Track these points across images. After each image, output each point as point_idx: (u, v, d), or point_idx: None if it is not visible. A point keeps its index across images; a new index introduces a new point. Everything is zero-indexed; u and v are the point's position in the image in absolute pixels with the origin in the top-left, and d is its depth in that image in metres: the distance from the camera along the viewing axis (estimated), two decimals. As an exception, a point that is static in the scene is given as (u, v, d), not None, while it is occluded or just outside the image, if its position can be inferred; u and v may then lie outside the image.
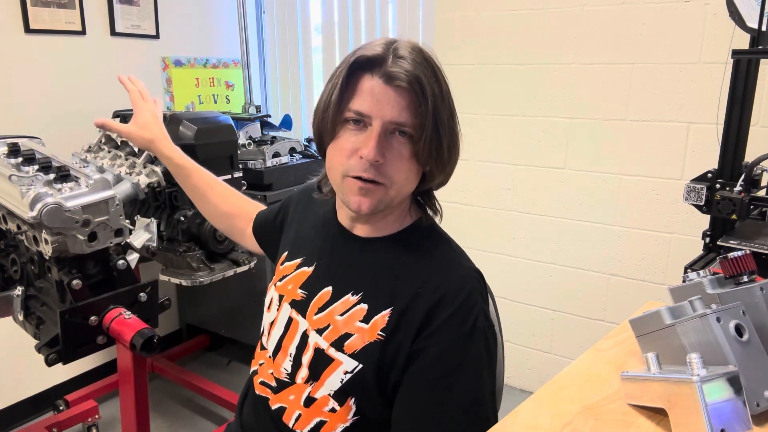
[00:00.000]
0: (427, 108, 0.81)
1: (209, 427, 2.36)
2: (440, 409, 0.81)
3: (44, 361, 1.47)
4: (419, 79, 0.81)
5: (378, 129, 0.81)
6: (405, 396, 0.83)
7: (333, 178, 0.89)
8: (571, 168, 2.32)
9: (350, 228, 0.96)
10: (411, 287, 0.86)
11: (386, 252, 0.92)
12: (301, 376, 0.91)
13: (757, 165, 1.25)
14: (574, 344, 2.45)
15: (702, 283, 0.80)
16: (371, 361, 0.84)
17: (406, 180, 0.86)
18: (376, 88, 0.81)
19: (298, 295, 0.96)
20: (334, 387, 0.87)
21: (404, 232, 0.93)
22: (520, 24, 2.31)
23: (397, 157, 0.83)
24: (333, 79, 0.85)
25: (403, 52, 0.82)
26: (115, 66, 2.52)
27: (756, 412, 0.65)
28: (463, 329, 0.81)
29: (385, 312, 0.86)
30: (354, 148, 0.83)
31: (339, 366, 0.87)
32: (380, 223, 0.93)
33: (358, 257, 0.93)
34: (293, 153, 2.63)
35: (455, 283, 0.85)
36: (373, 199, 0.84)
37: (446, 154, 0.86)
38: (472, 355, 0.82)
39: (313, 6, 2.99)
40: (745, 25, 1.25)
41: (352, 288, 0.90)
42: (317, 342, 0.90)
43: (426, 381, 0.82)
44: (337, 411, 0.88)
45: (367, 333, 0.86)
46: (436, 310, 0.82)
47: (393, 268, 0.89)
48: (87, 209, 1.42)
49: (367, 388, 0.85)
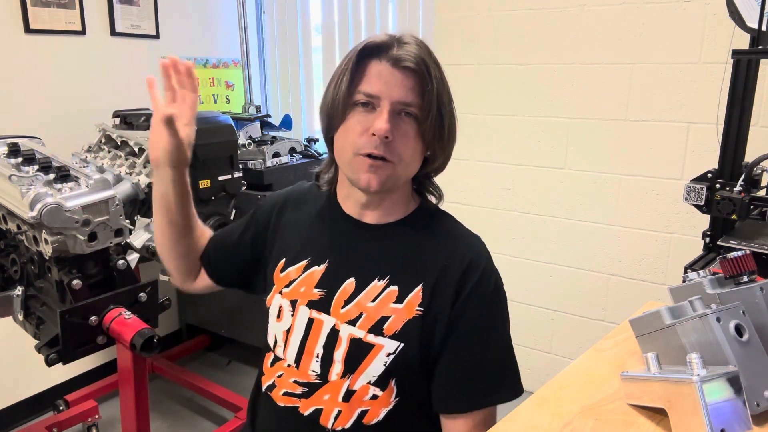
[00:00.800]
0: (432, 89, 0.87)
1: (209, 427, 2.36)
2: (483, 361, 0.91)
3: (44, 361, 1.47)
4: (425, 62, 0.87)
5: (387, 107, 0.86)
6: (449, 358, 0.90)
7: (343, 158, 0.92)
8: (571, 168, 2.32)
9: (360, 217, 0.98)
10: (437, 261, 0.92)
11: (401, 234, 0.97)
12: (336, 373, 0.92)
13: (757, 165, 1.25)
14: (574, 344, 2.45)
15: (702, 283, 0.80)
16: (413, 335, 0.90)
17: (411, 159, 0.91)
18: (384, 72, 0.87)
19: (315, 294, 0.95)
20: (376, 373, 0.89)
21: (412, 215, 0.99)
22: (520, 24, 2.31)
23: (404, 136, 0.88)
24: (342, 67, 0.90)
25: (407, 40, 0.89)
26: (115, 66, 2.52)
27: (756, 412, 0.65)
28: (489, 289, 0.92)
29: (417, 289, 0.91)
30: (365, 128, 0.87)
31: (380, 350, 0.89)
32: (388, 208, 0.97)
33: (374, 244, 0.96)
34: (293, 153, 2.63)
35: (474, 251, 0.94)
36: (382, 176, 0.88)
37: (447, 135, 0.93)
38: (499, 310, 0.94)
39: (313, 6, 2.99)
40: (745, 25, 1.25)
41: (378, 274, 0.93)
42: (351, 333, 0.91)
43: (467, 341, 0.90)
44: (379, 396, 0.91)
45: (404, 311, 0.91)
46: (465, 277, 0.91)
47: (414, 248, 0.95)
48: (87, 209, 1.42)
49: (410, 364, 0.90)
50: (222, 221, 1.90)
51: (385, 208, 0.97)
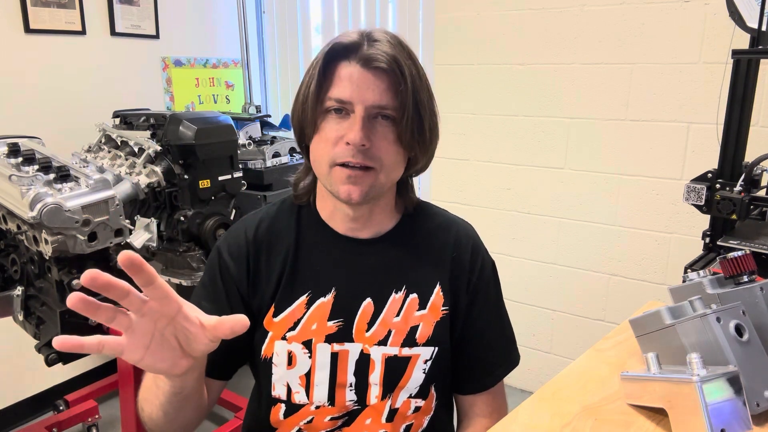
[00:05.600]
0: (406, 88, 0.81)
1: (209, 427, 2.35)
2: (498, 335, 0.98)
3: (44, 361, 1.47)
4: (397, 60, 0.81)
5: (361, 113, 0.80)
6: (473, 341, 0.94)
7: (320, 170, 0.86)
8: (571, 168, 2.32)
9: (353, 234, 0.92)
10: (444, 256, 0.94)
11: (401, 241, 0.94)
12: (374, 395, 0.89)
13: (757, 165, 1.25)
14: (574, 344, 2.45)
15: (702, 283, 0.80)
16: (445, 335, 0.91)
17: (394, 164, 0.85)
18: (355, 74, 0.81)
19: (330, 328, 0.89)
20: (416, 384, 0.89)
21: (404, 219, 0.96)
22: (520, 24, 2.31)
23: (383, 140, 0.83)
24: (310, 71, 0.84)
25: (378, 36, 0.83)
26: (115, 66, 2.52)
27: (756, 412, 0.65)
28: (490, 266, 0.98)
29: (436, 290, 0.92)
30: (339, 136, 0.82)
31: (417, 360, 0.89)
32: (379, 218, 0.93)
33: (378, 258, 0.92)
34: (293, 153, 2.62)
35: (470, 234, 0.98)
36: (363, 186, 0.83)
37: (428, 135, 0.87)
38: (499, 282, 1.00)
39: (313, 6, 2.99)
40: (745, 25, 1.25)
41: (393, 287, 0.91)
42: (384, 352, 0.88)
43: (486, 320, 0.95)
44: (422, 407, 0.91)
45: (431, 315, 0.91)
46: (473, 264, 0.95)
47: (417, 250, 0.94)
48: (87, 209, 1.42)
49: (446, 363, 0.92)
50: (222, 221, 1.90)
51: (377, 220, 0.92)
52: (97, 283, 0.55)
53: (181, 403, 0.77)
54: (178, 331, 0.63)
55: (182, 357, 0.65)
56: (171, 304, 0.61)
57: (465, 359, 0.95)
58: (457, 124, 2.50)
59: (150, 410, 0.83)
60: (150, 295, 0.59)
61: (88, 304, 0.55)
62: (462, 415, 0.99)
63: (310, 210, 0.95)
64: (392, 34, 0.85)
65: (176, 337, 0.63)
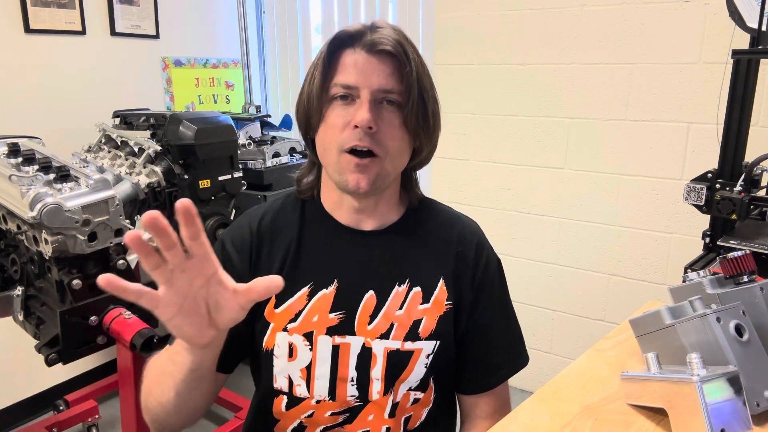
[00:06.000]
0: (411, 71, 0.83)
1: (209, 427, 2.35)
2: (505, 333, 0.97)
3: (44, 361, 1.47)
4: (401, 43, 0.83)
5: (368, 97, 0.82)
6: (478, 338, 0.93)
7: (328, 159, 0.86)
8: (571, 168, 2.32)
9: (357, 225, 0.92)
10: (449, 251, 0.93)
11: (406, 234, 0.94)
12: (377, 391, 0.88)
13: (757, 165, 1.25)
14: (574, 344, 2.45)
15: (702, 283, 0.80)
16: (448, 330, 0.91)
17: (399, 151, 0.86)
18: (360, 60, 0.83)
19: (332, 320, 0.88)
20: (417, 378, 0.89)
21: (409, 212, 0.96)
22: (520, 24, 2.31)
23: (389, 126, 0.84)
24: (315, 61, 0.86)
25: (381, 24, 0.86)
26: (115, 66, 2.52)
27: (756, 412, 0.65)
28: (495, 262, 0.97)
29: (439, 284, 0.91)
30: (346, 122, 0.83)
31: (420, 354, 0.88)
32: (384, 209, 0.93)
33: (382, 250, 0.92)
34: (293, 153, 2.63)
35: (475, 231, 0.98)
36: (371, 175, 0.84)
37: (432, 122, 0.88)
38: (505, 280, 0.99)
39: (313, 6, 2.99)
40: (745, 25, 1.25)
41: (396, 280, 0.90)
42: (387, 346, 0.88)
43: (491, 318, 0.95)
44: (420, 399, 0.91)
45: (434, 309, 0.90)
46: (478, 259, 0.94)
47: (423, 244, 0.93)
48: (87, 209, 1.42)
49: (448, 358, 0.92)
50: (222, 221, 1.90)
51: (382, 212, 0.93)
52: (157, 224, 0.56)
53: (196, 383, 0.78)
54: (210, 295, 0.63)
55: (208, 326, 0.65)
56: (210, 263, 0.62)
57: (468, 357, 0.94)
58: (457, 124, 2.50)
59: (159, 396, 0.82)
60: (193, 250, 0.60)
61: (143, 244, 0.56)
62: (464, 417, 0.99)
63: (315, 203, 0.95)
64: (395, 25, 0.87)
65: (206, 304, 0.64)
